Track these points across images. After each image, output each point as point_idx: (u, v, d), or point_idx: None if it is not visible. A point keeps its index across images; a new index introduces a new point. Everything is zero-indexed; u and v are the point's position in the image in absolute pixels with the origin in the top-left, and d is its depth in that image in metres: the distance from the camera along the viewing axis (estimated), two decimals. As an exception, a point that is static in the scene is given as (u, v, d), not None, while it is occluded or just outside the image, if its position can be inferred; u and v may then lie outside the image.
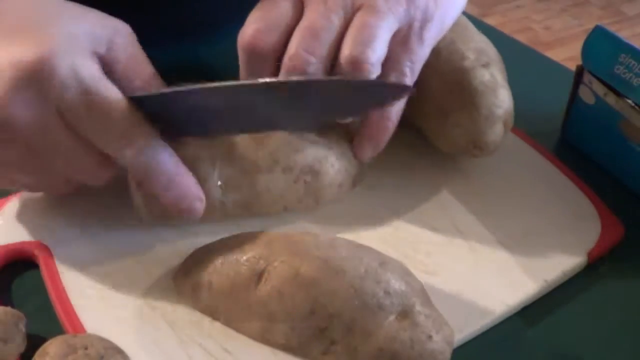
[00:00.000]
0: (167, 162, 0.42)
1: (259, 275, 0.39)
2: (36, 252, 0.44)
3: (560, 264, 0.46)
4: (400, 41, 0.46)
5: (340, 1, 0.44)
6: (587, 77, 0.52)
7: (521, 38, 0.73)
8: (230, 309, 0.40)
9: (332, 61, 0.44)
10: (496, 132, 0.49)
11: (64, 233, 0.46)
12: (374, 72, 0.44)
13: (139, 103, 0.41)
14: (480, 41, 0.51)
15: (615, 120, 0.51)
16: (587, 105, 0.53)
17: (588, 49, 0.52)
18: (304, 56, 0.43)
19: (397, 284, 0.39)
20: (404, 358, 0.38)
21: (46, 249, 0.45)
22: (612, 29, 0.51)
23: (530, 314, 0.44)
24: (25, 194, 0.48)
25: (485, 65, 0.49)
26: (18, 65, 0.39)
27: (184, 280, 0.42)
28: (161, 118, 0.42)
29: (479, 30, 0.53)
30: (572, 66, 0.55)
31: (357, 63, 0.43)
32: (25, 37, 0.40)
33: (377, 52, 0.44)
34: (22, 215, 0.47)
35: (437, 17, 0.46)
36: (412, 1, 0.45)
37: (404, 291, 0.39)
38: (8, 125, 0.39)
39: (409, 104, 0.49)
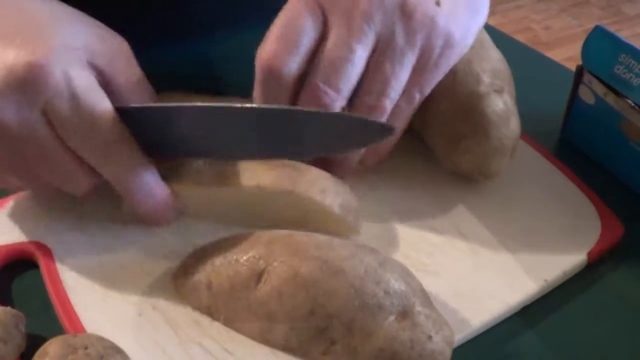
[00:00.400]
0: (147, 180, 0.43)
1: (258, 276, 0.39)
2: (36, 252, 0.44)
3: (560, 264, 0.46)
4: (415, 70, 0.45)
5: (364, 26, 0.43)
6: (587, 77, 0.52)
7: (521, 38, 0.73)
8: (230, 309, 0.40)
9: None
10: (503, 161, 0.49)
11: (64, 233, 0.46)
12: (387, 114, 0.45)
13: (128, 116, 0.42)
14: (496, 60, 0.51)
15: (615, 120, 0.51)
16: (587, 105, 0.53)
17: (588, 49, 0.52)
18: (324, 90, 0.43)
19: (396, 284, 0.39)
20: (404, 358, 0.38)
21: (46, 249, 0.44)
22: (612, 29, 0.51)
23: (530, 314, 0.44)
24: (25, 194, 0.48)
25: (499, 91, 0.49)
26: (10, 68, 0.39)
27: (184, 280, 0.42)
28: (148, 134, 0.42)
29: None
30: (572, 66, 0.55)
31: (372, 110, 0.44)
32: (22, 43, 0.39)
33: (392, 98, 0.44)
34: (22, 215, 0.47)
35: (458, 41, 0.46)
36: (435, 29, 0.44)
37: (404, 291, 0.39)
38: None
39: (418, 118, 0.49)
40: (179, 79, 0.53)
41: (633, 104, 0.50)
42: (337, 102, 0.43)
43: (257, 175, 0.44)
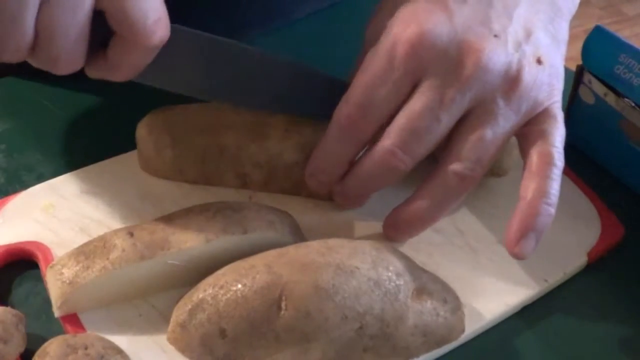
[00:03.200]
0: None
1: (277, 304, 0.37)
2: (36, 252, 0.44)
3: (560, 264, 0.46)
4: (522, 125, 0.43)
5: (458, 96, 0.40)
6: (587, 77, 0.52)
7: (521, 38, 0.73)
8: (255, 348, 0.38)
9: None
10: (512, 156, 0.49)
11: (64, 233, 0.46)
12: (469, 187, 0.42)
13: None
14: None
15: (615, 120, 0.51)
16: (587, 105, 0.53)
17: (588, 49, 0.52)
18: (399, 155, 0.41)
19: (400, 264, 0.40)
20: (435, 327, 0.39)
21: (46, 249, 0.44)
22: (612, 29, 0.50)
23: (530, 314, 0.44)
24: (25, 194, 0.48)
25: None
26: None
27: (184, 336, 0.39)
28: None
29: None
30: (572, 66, 0.55)
31: (464, 180, 0.41)
32: None
33: (485, 166, 0.41)
34: (22, 215, 0.46)
35: (560, 88, 0.44)
36: (539, 89, 0.42)
37: (409, 267, 0.40)
38: None
39: None
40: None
41: (633, 104, 0.50)
42: (408, 166, 0.41)
43: (199, 229, 0.41)
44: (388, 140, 0.41)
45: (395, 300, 0.38)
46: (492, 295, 0.44)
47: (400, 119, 0.41)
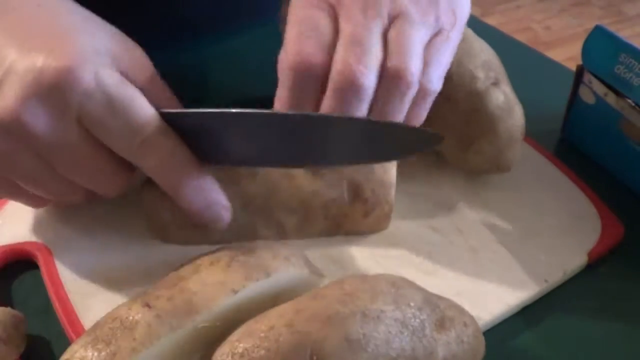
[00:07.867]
0: (192, 172, 0.41)
1: None
2: (36, 252, 0.44)
3: (560, 264, 0.46)
4: (431, 51, 0.44)
5: (377, 9, 0.43)
6: (587, 77, 0.52)
7: (521, 38, 0.73)
8: None
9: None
10: (516, 150, 0.49)
11: (64, 233, 0.46)
12: (416, 84, 0.42)
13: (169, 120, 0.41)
14: (482, 50, 0.51)
15: (615, 120, 0.51)
16: (587, 105, 0.53)
17: (588, 49, 0.52)
18: (355, 68, 0.41)
19: (418, 297, 0.38)
20: (461, 355, 0.38)
21: (46, 249, 0.45)
22: (612, 29, 0.50)
23: (530, 314, 0.44)
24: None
25: (496, 83, 0.49)
26: (39, 73, 0.38)
27: None
28: (185, 138, 0.41)
29: (478, 30, 0.53)
30: (572, 66, 0.55)
31: (400, 74, 0.42)
32: (47, 46, 0.39)
33: (415, 62, 0.42)
34: (22, 215, 0.47)
35: (461, 20, 0.46)
36: (441, 11, 0.44)
37: (426, 297, 0.38)
38: (20, 133, 0.38)
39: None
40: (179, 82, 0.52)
41: (633, 104, 0.50)
42: (367, 79, 0.41)
43: (220, 283, 0.38)
44: (338, 63, 0.42)
45: (423, 336, 0.37)
46: (492, 295, 0.44)
47: (340, 43, 0.42)
